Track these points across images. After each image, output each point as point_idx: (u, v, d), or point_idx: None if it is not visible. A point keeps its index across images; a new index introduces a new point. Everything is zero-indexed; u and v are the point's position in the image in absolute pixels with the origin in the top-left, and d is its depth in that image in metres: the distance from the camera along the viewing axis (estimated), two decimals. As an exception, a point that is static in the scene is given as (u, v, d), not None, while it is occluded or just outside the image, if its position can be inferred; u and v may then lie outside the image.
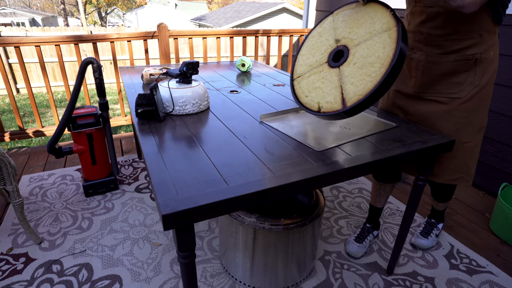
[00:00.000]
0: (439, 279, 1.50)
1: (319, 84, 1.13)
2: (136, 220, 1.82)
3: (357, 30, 1.10)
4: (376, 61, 1.01)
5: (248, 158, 0.96)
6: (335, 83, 1.09)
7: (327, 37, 1.17)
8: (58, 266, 1.51)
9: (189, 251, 0.82)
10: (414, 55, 1.27)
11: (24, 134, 2.60)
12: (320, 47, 1.19)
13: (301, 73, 1.21)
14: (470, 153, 1.31)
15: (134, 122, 1.24)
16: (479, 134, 1.30)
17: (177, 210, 0.72)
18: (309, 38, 1.25)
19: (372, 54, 1.03)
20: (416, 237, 1.69)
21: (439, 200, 1.62)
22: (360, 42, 1.07)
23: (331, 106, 1.07)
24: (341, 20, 1.16)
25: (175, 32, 2.80)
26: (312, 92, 1.14)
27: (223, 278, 1.47)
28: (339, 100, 1.06)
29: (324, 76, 1.13)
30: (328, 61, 1.14)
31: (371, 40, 1.05)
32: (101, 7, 26.72)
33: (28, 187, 2.12)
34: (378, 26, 1.04)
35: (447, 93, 1.24)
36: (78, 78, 1.74)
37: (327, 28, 1.19)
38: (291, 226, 1.26)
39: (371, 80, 1.00)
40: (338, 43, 1.13)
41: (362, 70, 1.03)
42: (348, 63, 1.08)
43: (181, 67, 1.33)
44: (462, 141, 1.28)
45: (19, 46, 2.36)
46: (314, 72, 1.17)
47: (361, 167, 0.96)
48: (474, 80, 1.20)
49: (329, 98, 1.08)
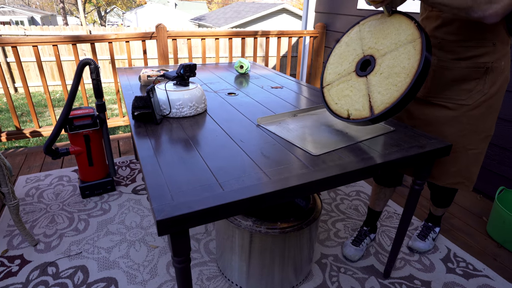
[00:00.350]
0: (436, 283, 1.49)
1: (348, 92, 1.19)
2: (133, 222, 1.82)
3: (383, 41, 1.14)
4: (401, 72, 1.06)
5: (244, 162, 0.95)
6: (363, 92, 1.14)
7: (354, 47, 1.22)
8: (53, 268, 1.50)
9: (184, 256, 0.82)
10: None
11: (21, 134, 2.59)
12: (347, 57, 1.24)
13: (330, 81, 1.27)
14: (474, 160, 1.31)
15: (131, 124, 1.24)
16: (484, 142, 1.30)
17: (172, 215, 0.72)
18: (337, 47, 1.29)
19: (397, 64, 1.07)
20: (413, 240, 1.69)
21: (438, 205, 1.62)
22: (386, 53, 1.12)
23: (360, 114, 1.13)
24: (367, 30, 1.20)
25: (174, 33, 2.80)
26: (341, 99, 1.20)
27: (220, 281, 1.46)
28: (367, 108, 1.12)
29: (353, 85, 1.18)
30: (355, 70, 1.19)
31: (396, 51, 1.09)
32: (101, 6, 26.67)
33: (24, 188, 2.11)
34: (403, 37, 1.09)
35: (455, 99, 1.24)
36: (75, 79, 1.73)
37: (354, 38, 1.23)
38: (288, 229, 1.26)
39: (397, 89, 1.05)
40: (365, 53, 1.17)
41: (388, 79, 1.08)
42: (375, 73, 1.13)
43: (178, 69, 1.33)
44: (466, 147, 1.28)
45: (17, 46, 2.35)
46: (343, 81, 1.22)
47: (358, 172, 0.95)
48: (483, 88, 1.20)
49: (357, 106, 1.14)
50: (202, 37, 2.91)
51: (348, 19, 3.14)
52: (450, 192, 1.53)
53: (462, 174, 1.33)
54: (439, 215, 1.70)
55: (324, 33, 3.45)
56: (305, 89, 1.79)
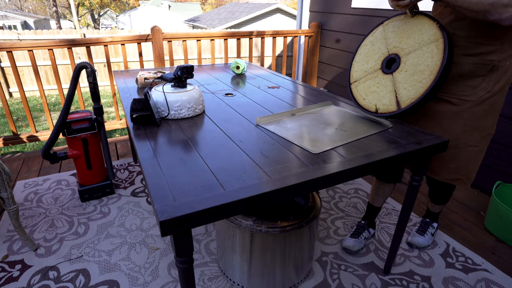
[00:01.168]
0: (436, 278, 1.51)
1: (375, 88, 1.26)
2: (133, 225, 1.82)
3: (407, 40, 1.20)
4: (425, 69, 1.13)
5: (244, 162, 0.96)
6: (389, 88, 1.21)
7: (379, 46, 1.28)
8: (54, 273, 1.50)
9: (187, 256, 0.82)
10: None
11: (18, 139, 2.58)
12: (373, 55, 1.30)
13: (357, 78, 1.34)
14: (473, 158, 1.33)
15: (130, 127, 1.24)
16: (485, 140, 1.31)
17: (174, 216, 0.72)
18: (362, 46, 1.35)
19: (421, 62, 1.14)
20: (412, 236, 1.70)
21: (436, 202, 1.64)
22: (410, 52, 1.18)
23: (387, 108, 1.21)
24: (391, 30, 1.27)
25: (169, 35, 2.80)
26: (369, 95, 1.28)
27: (221, 281, 1.47)
28: (394, 103, 1.19)
29: (379, 82, 1.25)
30: (381, 67, 1.27)
31: (420, 50, 1.15)
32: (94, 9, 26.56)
33: (23, 193, 2.10)
34: (426, 37, 1.15)
35: (459, 95, 1.26)
36: (72, 83, 1.73)
37: (378, 38, 1.29)
38: (288, 228, 1.26)
39: (422, 86, 1.12)
40: (390, 51, 1.24)
41: (413, 77, 1.15)
42: (400, 70, 1.19)
43: (175, 71, 1.33)
44: (467, 143, 1.30)
45: (12, 50, 2.34)
46: (369, 78, 1.29)
47: (357, 169, 0.96)
48: (488, 86, 1.22)
49: (385, 101, 1.22)
50: (198, 38, 2.92)
51: (342, 18, 3.15)
52: (448, 189, 1.55)
53: (461, 171, 1.34)
54: (436, 211, 1.72)
55: (319, 32, 3.47)
56: (302, 88, 1.80)
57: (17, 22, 20.05)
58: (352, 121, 1.28)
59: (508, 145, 2.05)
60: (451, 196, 1.59)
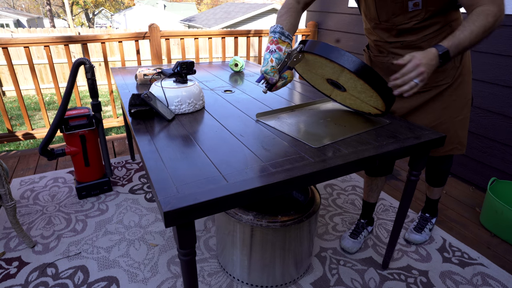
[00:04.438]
0: (433, 272, 1.53)
1: (351, 101, 1.29)
2: (131, 221, 1.81)
3: (323, 71, 1.19)
4: (363, 89, 1.12)
5: (246, 155, 0.97)
6: (359, 101, 1.23)
7: (315, 73, 1.26)
8: (53, 269, 1.49)
9: (189, 248, 0.82)
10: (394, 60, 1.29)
11: (13, 136, 2.56)
12: (318, 80, 1.31)
13: (330, 94, 1.38)
14: (460, 126, 1.38)
15: (129, 122, 1.24)
16: (467, 107, 1.36)
17: (178, 207, 0.72)
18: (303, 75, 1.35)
19: (354, 86, 1.13)
20: (409, 233, 1.72)
21: (434, 184, 1.65)
22: (337, 78, 1.17)
23: (374, 111, 1.23)
24: (304, 65, 1.24)
25: (167, 33, 2.79)
26: (352, 104, 1.31)
27: (221, 276, 1.47)
28: (374, 109, 1.22)
29: (347, 96, 1.27)
30: (336, 88, 1.28)
31: (342, 78, 1.14)
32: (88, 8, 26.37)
33: (19, 191, 2.09)
34: (332, 71, 1.12)
35: (434, 82, 1.29)
36: (70, 79, 1.72)
37: (306, 69, 1.27)
38: (288, 223, 1.27)
39: (377, 97, 1.12)
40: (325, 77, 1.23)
41: (363, 94, 1.15)
42: (349, 90, 1.20)
43: (174, 67, 1.33)
44: (452, 116, 1.35)
45: (7, 47, 2.32)
46: (338, 94, 1.32)
47: (357, 162, 0.97)
48: (455, 63, 1.26)
49: (366, 108, 1.25)
50: (195, 36, 2.92)
51: (339, 17, 3.17)
52: (445, 165, 1.56)
53: (453, 140, 1.41)
54: (435, 198, 1.73)
55: (316, 32, 3.48)
56: (299, 85, 1.81)
57: (9, 21, 19.82)
58: (351, 117, 1.29)
59: (502, 143, 2.08)
60: (447, 176, 1.61)
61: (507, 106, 2.02)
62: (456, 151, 1.44)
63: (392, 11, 1.19)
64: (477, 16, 1.00)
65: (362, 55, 3.00)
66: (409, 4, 1.14)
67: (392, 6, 1.17)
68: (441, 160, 1.54)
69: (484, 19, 0.99)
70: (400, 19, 1.19)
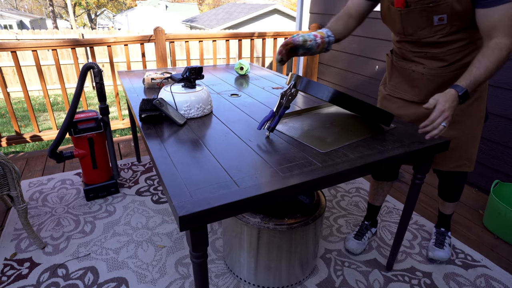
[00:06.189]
0: (437, 274, 1.55)
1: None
2: (139, 223, 1.84)
3: None
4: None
5: (255, 160, 0.99)
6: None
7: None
8: (63, 270, 1.52)
9: (202, 251, 0.85)
10: (416, 68, 1.31)
11: (21, 139, 2.59)
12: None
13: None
14: (472, 142, 1.38)
15: (138, 125, 1.27)
16: (479, 124, 1.37)
17: (193, 211, 0.75)
18: None
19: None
20: (432, 250, 1.63)
21: (447, 198, 1.60)
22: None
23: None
24: None
25: (172, 36, 2.82)
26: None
27: (228, 278, 1.50)
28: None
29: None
30: None
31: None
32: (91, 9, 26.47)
33: (28, 192, 2.12)
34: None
35: None
36: (79, 83, 1.75)
37: None
38: (295, 225, 1.30)
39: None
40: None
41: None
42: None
43: (183, 72, 1.36)
44: (464, 132, 1.35)
45: (16, 51, 2.35)
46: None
47: (364, 167, 1.00)
48: None
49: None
50: (200, 39, 2.95)
51: (342, 19, 3.19)
52: (457, 181, 1.52)
53: (463, 157, 1.40)
54: (448, 213, 1.66)
55: (319, 34, 3.50)
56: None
57: (13, 22, 19.92)
58: (356, 121, 1.32)
59: (505, 145, 2.10)
60: (462, 191, 1.57)
61: (511, 109, 2.04)
62: (464, 168, 1.43)
63: (417, 24, 1.20)
64: (492, 52, 1.03)
65: (364, 57, 3.02)
66: (434, 18, 1.15)
67: (417, 20, 1.18)
68: (453, 175, 1.50)
69: (498, 53, 1.02)
70: (425, 33, 1.20)
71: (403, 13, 1.20)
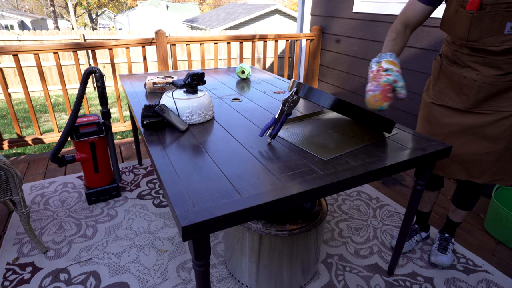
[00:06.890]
0: (438, 279, 1.55)
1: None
2: (140, 227, 1.85)
3: None
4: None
5: (257, 168, 1.00)
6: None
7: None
8: (65, 275, 1.52)
9: (204, 259, 0.85)
10: (468, 74, 1.27)
11: (23, 142, 2.60)
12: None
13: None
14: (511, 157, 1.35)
15: (140, 129, 1.27)
16: None
17: (195, 221, 0.75)
18: None
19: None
20: (435, 255, 1.62)
21: (463, 207, 1.57)
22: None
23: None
24: None
25: (173, 39, 2.83)
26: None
27: (229, 282, 1.50)
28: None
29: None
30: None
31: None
32: (92, 9, 26.49)
33: (29, 196, 2.12)
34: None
35: (498, 107, 1.27)
36: (81, 87, 1.76)
37: None
38: (296, 231, 1.30)
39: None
40: None
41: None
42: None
43: (185, 78, 1.36)
44: (507, 146, 1.31)
45: (18, 54, 2.36)
46: None
47: (366, 175, 1.00)
48: None
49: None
50: (201, 42, 2.95)
51: (344, 22, 3.19)
52: (479, 191, 1.50)
53: (503, 171, 1.36)
54: (458, 221, 1.64)
55: (320, 36, 3.51)
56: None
57: (14, 22, 19.96)
58: (358, 127, 1.32)
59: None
60: (477, 200, 1.53)
61: None
62: (502, 182, 1.38)
63: (486, 30, 1.14)
64: None
65: (366, 60, 3.02)
66: (507, 25, 1.09)
67: (488, 25, 1.12)
68: (477, 186, 1.49)
69: None
70: (492, 41, 1.14)
71: (475, 16, 1.13)
